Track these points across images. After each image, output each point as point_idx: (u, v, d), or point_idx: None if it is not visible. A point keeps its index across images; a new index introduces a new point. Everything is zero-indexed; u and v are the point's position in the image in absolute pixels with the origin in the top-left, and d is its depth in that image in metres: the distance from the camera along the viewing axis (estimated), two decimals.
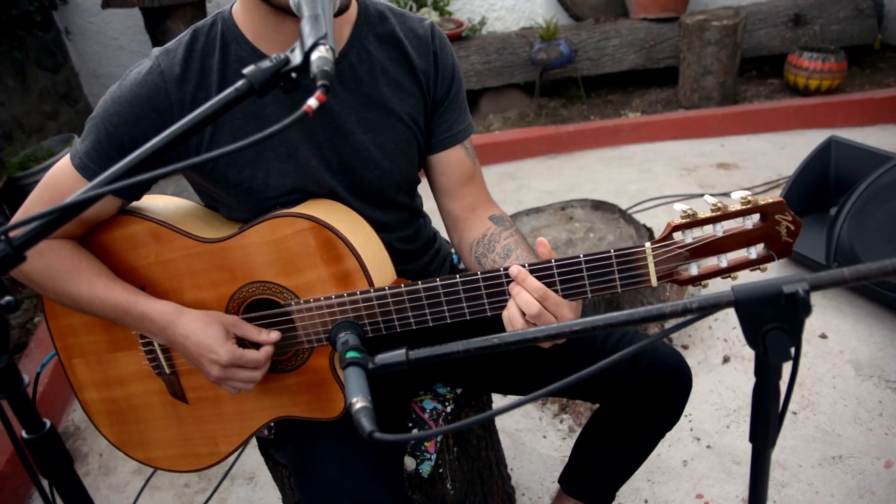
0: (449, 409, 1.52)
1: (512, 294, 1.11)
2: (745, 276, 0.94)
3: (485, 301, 1.14)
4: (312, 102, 0.74)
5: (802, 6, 4.64)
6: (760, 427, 0.83)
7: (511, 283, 1.11)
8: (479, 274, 1.13)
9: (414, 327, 1.19)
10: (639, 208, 3.49)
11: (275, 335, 1.23)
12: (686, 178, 3.81)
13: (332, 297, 1.19)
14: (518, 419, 2.31)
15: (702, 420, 2.21)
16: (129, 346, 1.34)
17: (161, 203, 1.34)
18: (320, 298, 1.19)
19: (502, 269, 1.12)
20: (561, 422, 2.28)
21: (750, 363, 2.40)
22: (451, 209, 1.42)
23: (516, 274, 1.09)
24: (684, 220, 1.03)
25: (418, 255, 1.47)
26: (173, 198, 1.39)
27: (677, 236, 1.05)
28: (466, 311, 1.16)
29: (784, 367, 0.77)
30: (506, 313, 1.12)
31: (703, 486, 1.99)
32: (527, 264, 1.10)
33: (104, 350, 1.35)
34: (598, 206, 2.76)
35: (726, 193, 3.55)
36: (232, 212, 1.33)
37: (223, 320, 1.22)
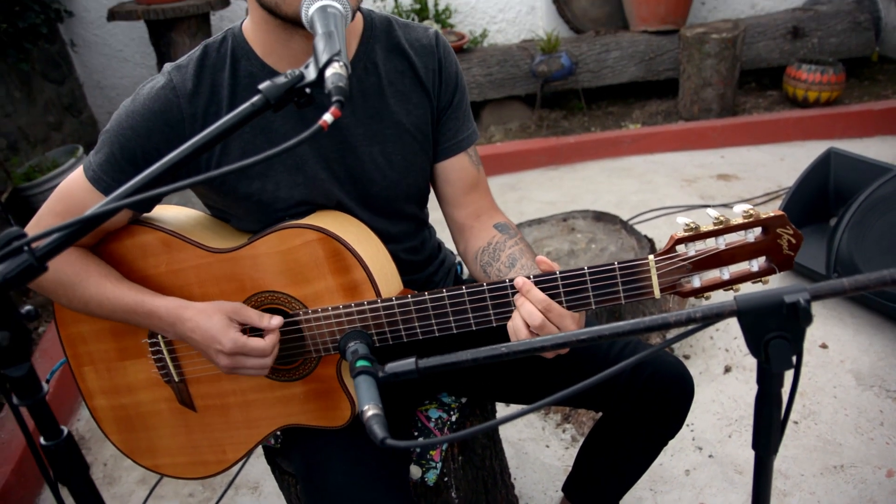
0: (454, 418, 1.54)
1: (517, 305, 1.13)
2: (746, 289, 0.96)
3: (490, 312, 1.16)
4: (328, 118, 0.76)
5: (801, 19, 4.69)
6: (763, 434, 0.85)
7: (516, 295, 1.13)
8: (484, 285, 1.15)
9: (420, 337, 1.20)
10: (640, 219, 3.52)
11: (276, 321, 1.22)
12: (687, 189, 3.84)
13: (339, 308, 1.20)
14: (521, 429, 2.32)
15: (704, 429, 2.22)
16: (138, 354, 1.35)
17: (171, 213, 1.36)
18: (328, 308, 1.21)
19: (507, 281, 1.14)
20: (564, 431, 2.29)
21: (751, 373, 2.42)
22: (456, 217, 1.44)
23: (521, 285, 1.11)
24: (687, 234, 1.05)
25: (423, 266, 1.49)
26: (183, 208, 1.41)
27: (680, 249, 1.07)
28: (472, 321, 1.18)
29: (786, 375, 0.79)
30: (510, 324, 1.14)
31: (706, 495, 2.01)
32: (532, 276, 1.12)
33: (114, 358, 1.37)
34: (600, 217, 2.78)
35: (727, 204, 3.57)
36: (241, 223, 1.35)
37: (224, 309, 1.22)
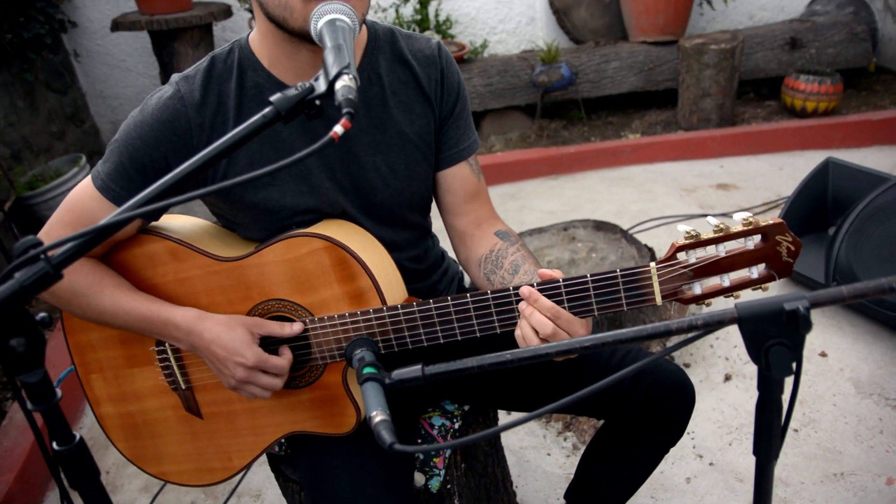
0: (457, 425, 1.55)
1: (524, 314, 1.14)
2: (746, 296, 0.97)
3: (494, 319, 1.18)
4: (338, 129, 0.78)
5: (798, 30, 4.73)
6: (764, 440, 0.86)
7: (522, 304, 1.14)
8: (489, 293, 1.17)
9: (425, 344, 1.22)
10: (640, 228, 3.54)
11: (297, 326, 1.24)
12: (686, 198, 3.86)
13: (345, 315, 1.22)
14: (522, 437, 2.33)
15: (704, 437, 2.23)
16: (145, 361, 1.37)
17: (178, 223, 1.38)
18: (334, 316, 1.23)
19: (511, 289, 1.15)
20: (565, 439, 2.30)
21: (751, 381, 2.43)
22: (456, 225, 1.46)
23: (528, 294, 1.13)
24: (688, 241, 1.07)
25: (427, 275, 1.51)
26: (189, 217, 1.43)
27: (681, 256, 1.09)
28: (476, 328, 1.19)
29: (786, 381, 0.81)
30: (519, 332, 1.15)
31: (707, 503, 2.01)
32: (535, 284, 1.14)
33: (121, 365, 1.38)
34: (600, 226, 2.80)
35: (726, 214, 3.60)
36: (247, 231, 1.37)
37: (245, 323, 1.24)
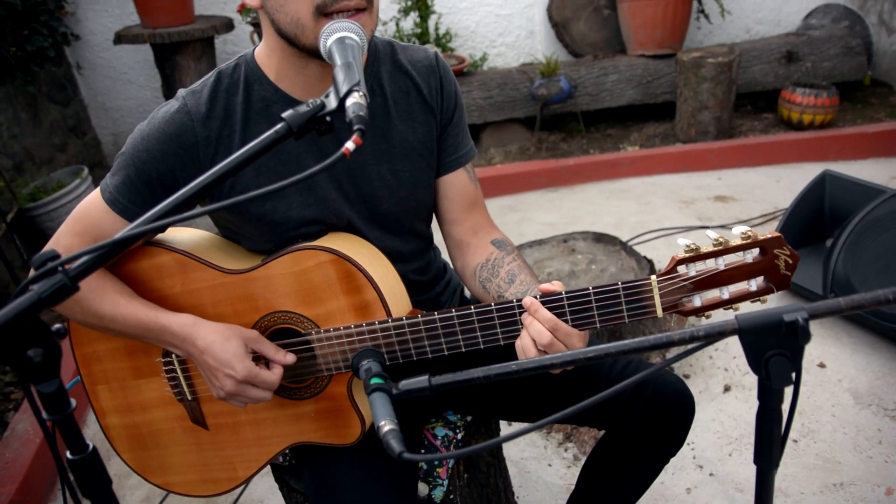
0: (460, 436, 1.56)
1: (525, 324, 1.16)
2: (745, 308, 0.99)
3: (498, 331, 1.20)
4: (350, 145, 0.80)
5: (794, 44, 4.78)
6: (764, 449, 0.88)
7: (523, 314, 1.16)
8: (493, 305, 1.19)
9: (430, 356, 1.24)
10: (639, 240, 3.56)
11: (290, 357, 1.27)
12: (685, 210, 3.89)
13: (351, 327, 1.24)
14: (523, 447, 2.34)
15: (704, 448, 2.24)
16: (151, 372, 1.38)
17: (185, 235, 1.40)
18: (340, 328, 1.24)
19: (515, 301, 1.18)
20: (566, 450, 2.31)
21: (750, 392, 2.44)
22: (453, 233, 1.48)
23: (529, 305, 1.15)
24: (688, 254, 1.09)
25: (430, 286, 1.52)
26: (196, 230, 1.45)
27: (681, 269, 1.11)
28: (480, 340, 1.21)
29: (785, 391, 0.83)
30: (519, 343, 1.18)
31: None
32: (538, 295, 1.16)
33: (127, 376, 1.40)
34: (600, 238, 2.82)
35: (725, 225, 3.62)
36: (253, 244, 1.39)
37: (243, 335, 1.25)
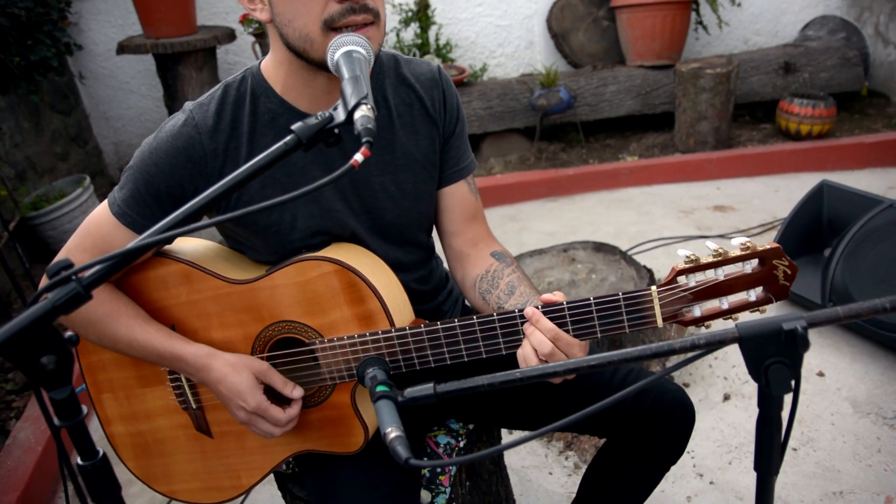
0: (462, 444, 1.57)
1: (526, 334, 1.18)
2: (744, 318, 1.01)
3: (500, 340, 1.21)
4: (359, 157, 0.82)
5: (792, 55, 4.82)
6: (764, 456, 0.89)
7: (525, 324, 1.18)
8: (495, 315, 1.20)
9: (432, 365, 1.25)
10: (639, 250, 3.58)
11: (298, 392, 1.29)
12: (684, 220, 3.91)
13: (355, 337, 1.25)
14: (524, 456, 2.35)
15: (704, 457, 2.25)
16: (157, 381, 1.39)
17: (191, 245, 1.41)
18: (343, 338, 1.26)
19: (517, 311, 1.19)
20: (566, 458, 2.32)
21: (750, 400, 2.46)
22: (454, 245, 1.50)
23: (530, 315, 1.17)
24: (687, 265, 1.11)
25: (432, 296, 1.54)
26: (202, 240, 1.47)
27: (681, 280, 1.12)
28: (483, 350, 1.22)
29: (785, 398, 0.84)
30: (520, 352, 1.19)
31: None
32: (540, 305, 1.17)
33: (133, 385, 1.41)
34: (600, 247, 2.84)
35: (724, 235, 3.64)
36: (258, 254, 1.41)
37: (253, 367, 1.28)
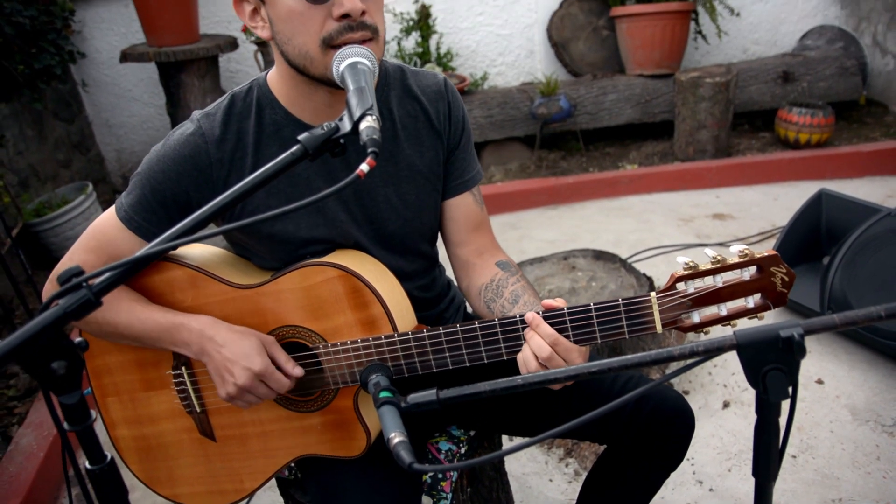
0: (463, 450, 1.59)
1: (526, 338, 1.20)
2: (743, 324, 1.02)
3: (501, 346, 1.23)
4: (364, 167, 0.84)
5: (790, 64, 4.85)
6: (762, 462, 0.91)
7: (526, 329, 1.20)
8: (496, 320, 1.22)
9: (435, 370, 1.26)
10: (638, 258, 3.60)
11: (299, 371, 1.30)
12: (683, 228, 3.93)
13: (358, 342, 1.27)
14: (525, 462, 2.36)
15: (704, 464, 2.26)
16: (161, 385, 1.41)
17: (197, 251, 1.43)
18: (347, 342, 1.27)
19: (518, 316, 1.21)
20: (567, 465, 2.33)
21: (749, 408, 2.47)
22: (459, 254, 1.52)
23: (531, 320, 1.18)
24: (686, 272, 1.12)
25: (435, 303, 1.56)
26: (206, 245, 1.48)
27: (680, 286, 1.14)
28: (484, 355, 1.24)
29: (783, 405, 0.86)
30: (520, 356, 1.21)
31: None
32: (541, 311, 1.19)
33: (138, 389, 1.42)
34: (600, 255, 2.86)
35: (723, 243, 3.66)
36: (263, 260, 1.42)
37: (258, 335, 1.29)
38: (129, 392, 1.43)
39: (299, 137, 0.91)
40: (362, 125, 0.90)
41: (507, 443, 2.03)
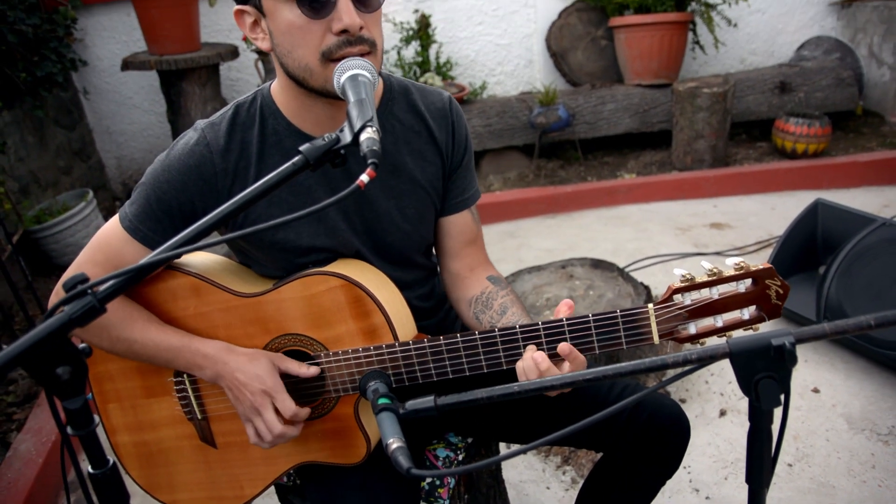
0: (461, 457, 1.60)
1: (527, 349, 1.21)
2: (737, 335, 1.04)
3: (501, 355, 1.24)
4: (364, 178, 0.86)
5: (787, 74, 4.89)
6: (755, 469, 0.93)
7: (528, 342, 1.21)
8: (496, 330, 1.23)
9: (435, 378, 1.28)
10: (636, 266, 3.61)
11: (314, 369, 1.30)
12: (681, 237, 3.95)
13: (359, 350, 1.28)
14: (522, 470, 2.37)
15: (700, 472, 2.27)
16: (162, 392, 1.42)
17: (199, 259, 1.44)
18: (348, 351, 1.29)
19: (517, 326, 1.22)
20: (564, 473, 2.34)
21: (746, 416, 2.47)
22: (451, 268, 1.54)
23: (567, 353, 1.18)
24: (683, 284, 1.14)
25: (434, 312, 1.57)
26: (210, 254, 1.50)
27: (677, 298, 1.16)
28: (484, 364, 1.25)
29: (776, 412, 0.87)
30: (519, 365, 1.22)
31: None
32: (541, 322, 1.21)
33: (139, 395, 1.43)
34: (598, 264, 2.87)
35: (720, 252, 3.68)
36: (264, 269, 1.44)
37: (268, 356, 1.31)
38: (130, 398, 1.44)
39: (301, 148, 0.93)
40: (362, 136, 0.92)
41: (504, 450, 2.04)
